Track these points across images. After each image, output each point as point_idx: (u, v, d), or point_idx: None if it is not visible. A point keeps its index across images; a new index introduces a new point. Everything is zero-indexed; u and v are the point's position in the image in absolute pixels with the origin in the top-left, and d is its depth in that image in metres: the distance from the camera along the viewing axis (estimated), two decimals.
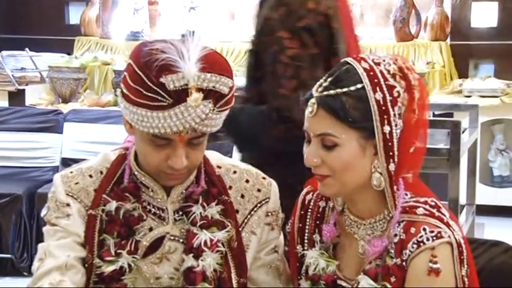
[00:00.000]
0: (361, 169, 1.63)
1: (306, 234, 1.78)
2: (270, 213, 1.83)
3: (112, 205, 1.72)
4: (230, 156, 3.34)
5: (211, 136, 1.73)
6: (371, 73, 1.61)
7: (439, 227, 1.59)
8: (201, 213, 1.73)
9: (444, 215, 1.63)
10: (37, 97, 6.32)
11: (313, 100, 1.63)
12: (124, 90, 1.65)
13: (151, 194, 1.75)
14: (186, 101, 1.58)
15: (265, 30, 2.21)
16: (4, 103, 5.85)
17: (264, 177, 1.85)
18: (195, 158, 1.69)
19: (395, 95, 1.61)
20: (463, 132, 3.70)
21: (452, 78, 6.36)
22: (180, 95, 1.58)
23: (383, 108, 1.60)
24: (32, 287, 1.67)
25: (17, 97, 5.87)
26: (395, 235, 1.63)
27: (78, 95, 6.32)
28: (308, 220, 1.78)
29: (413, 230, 1.60)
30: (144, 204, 1.75)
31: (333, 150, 1.62)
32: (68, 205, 1.74)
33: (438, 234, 1.59)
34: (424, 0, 6.65)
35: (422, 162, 1.75)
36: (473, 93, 5.86)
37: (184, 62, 1.58)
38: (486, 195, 5.49)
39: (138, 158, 1.75)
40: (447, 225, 1.60)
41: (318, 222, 1.77)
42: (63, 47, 6.90)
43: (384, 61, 1.64)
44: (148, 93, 1.59)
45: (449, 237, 1.59)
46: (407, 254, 1.60)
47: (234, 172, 1.84)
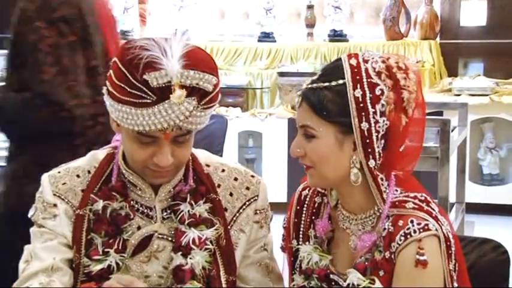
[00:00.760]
0: (339, 163, 1.65)
1: (301, 229, 1.79)
2: (258, 211, 1.83)
3: (99, 204, 1.72)
4: (220, 155, 3.34)
5: None
6: (355, 70, 1.63)
7: (427, 220, 1.61)
8: (189, 211, 1.73)
9: (433, 209, 1.64)
10: None
11: (299, 93, 1.69)
12: (109, 88, 1.66)
13: (139, 192, 1.76)
14: (170, 98, 1.59)
15: (23, 20, 2.36)
16: None
17: (253, 176, 1.86)
18: (181, 155, 1.69)
19: (377, 93, 1.62)
20: (453, 130, 3.70)
21: (442, 77, 6.39)
22: (163, 92, 1.59)
23: (361, 105, 1.61)
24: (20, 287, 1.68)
25: None
26: (384, 229, 1.64)
27: None
28: (304, 215, 1.80)
29: (401, 222, 1.62)
30: (132, 203, 1.75)
31: (311, 142, 1.66)
32: (55, 206, 1.75)
33: (425, 227, 1.60)
34: None
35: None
36: (462, 92, 5.88)
37: (168, 59, 1.59)
38: (476, 194, 5.51)
39: (126, 156, 1.75)
40: (435, 219, 1.62)
41: (313, 218, 1.78)
42: None
43: (373, 58, 1.65)
44: (133, 91, 1.59)
45: (436, 230, 1.60)
46: (395, 247, 1.61)
47: (223, 170, 1.84)
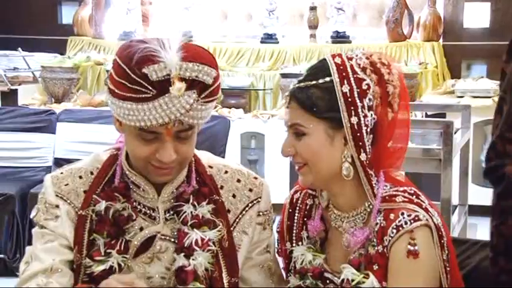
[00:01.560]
0: (331, 158, 1.68)
1: (294, 231, 1.81)
2: (261, 213, 1.84)
3: (101, 205, 1.73)
4: (223, 156, 3.34)
5: None
6: (341, 67, 1.68)
7: (417, 211, 1.64)
8: (192, 212, 1.74)
9: (423, 201, 1.67)
10: (30, 97, 6.30)
11: (287, 93, 1.72)
12: (110, 86, 1.67)
13: (142, 193, 1.76)
14: (170, 91, 1.59)
15: None
16: None
17: (256, 177, 1.86)
18: (184, 152, 1.69)
19: (364, 87, 1.66)
20: (456, 132, 3.70)
21: (445, 79, 6.38)
22: (163, 86, 1.59)
23: (349, 100, 1.65)
24: None
25: (9, 97, 5.86)
26: (376, 224, 1.67)
27: (71, 95, 6.31)
28: (296, 218, 1.82)
29: (392, 216, 1.65)
30: (134, 204, 1.75)
31: (302, 140, 1.69)
32: (57, 206, 1.75)
33: (416, 218, 1.63)
34: (416, 0, 6.67)
35: (415, 163, 1.77)
36: (465, 94, 5.88)
37: (166, 52, 1.60)
38: (479, 196, 5.48)
39: (129, 157, 1.75)
40: (425, 210, 1.65)
41: (305, 219, 1.81)
42: (56, 47, 6.88)
43: (357, 55, 1.71)
44: (133, 86, 1.60)
45: (427, 220, 1.63)
46: (387, 240, 1.64)
47: (226, 172, 1.84)
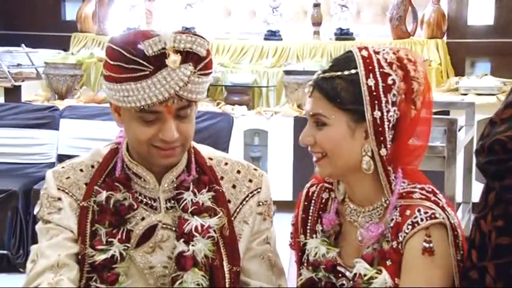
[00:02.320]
0: (351, 151, 1.68)
1: (309, 225, 1.81)
2: (261, 203, 1.85)
3: (102, 195, 1.74)
4: (226, 153, 3.33)
5: None
6: (367, 60, 1.67)
7: (434, 209, 1.63)
8: (192, 199, 1.75)
9: (440, 200, 1.66)
10: (33, 93, 6.31)
11: (310, 82, 1.72)
12: (106, 73, 1.69)
13: (143, 183, 1.77)
14: (166, 66, 1.62)
15: None
16: (0, 99, 5.84)
17: (256, 169, 1.88)
18: (186, 130, 1.70)
19: (389, 82, 1.66)
20: (460, 130, 3.69)
21: (449, 76, 6.37)
22: (159, 61, 1.62)
23: (374, 93, 1.65)
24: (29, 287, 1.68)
25: (13, 93, 5.87)
26: (391, 219, 1.66)
27: (74, 91, 6.32)
28: (311, 211, 1.82)
29: (408, 212, 1.64)
30: (135, 195, 1.77)
31: (322, 130, 1.69)
32: (60, 199, 1.77)
33: (432, 215, 1.62)
34: None
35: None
36: (469, 91, 5.87)
37: (159, 28, 1.64)
38: None
39: (130, 147, 1.78)
40: (442, 208, 1.64)
41: (320, 213, 1.80)
42: (60, 43, 6.89)
43: (384, 50, 1.70)
44: (130, 65, 1.63)
45: (443, 218, 1.62)
46: (402, 236, 1.63)
47: (226, 164, 1.86)
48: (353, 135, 1.67)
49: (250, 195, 1.84)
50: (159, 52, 1.62)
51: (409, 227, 1.62)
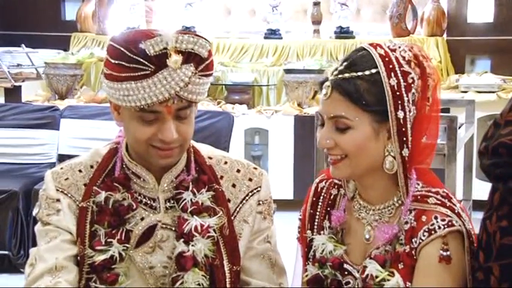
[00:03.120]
0: (374, 152, 1.65)
1: (316, 221, 1.80)
2: (261, 202, 1.85)
3: (101, 196, 1.74)
4: (226, 152, 3.33)
5: None
6: (386, 59, 1.64)
7: (450, 216, 1.61)
8: (191, 199, 1.75)
9: (455, 205, 1.65)
10: (33, 93, 6.31)
11: (328, 83, 1.66)
12: (107, 71, 1.68)
13: (142, 183, 1.77)
14: (168, 66, 1.61)
15: None
16: (0, 99, 5.84)
17: (255, 168, 1.88)
18: (185, 131, 1.70)
19: (409, 81, 1.64)
20: (460, 127, 3.69)
21: (449, 74, 6.37)
22: (161, 61, 1.62)
23: (397, 93, 1.62)
24: None
25: (13, 93, 5.86)
26: (406, 222, 1.65)
27: (74, 91, 6.32)
28: (319, 207, 1.81)
29: (424, 218, 1.62)
30: (135, 195, 1.76)
31: (345, 133, 1.65)
32: (58, 200, 1.77)
33: (449, 223, 1.60)
34: None
35: None
36: (469, 89, 5.87)
37: (161, 27, 1.63)
38: (483, 191, 5.46)
39: (129, 147, 1.77)
40: (458, 215, 1.62)
41: (328, 209, 1.79)
42: (60, 43, 6.89)
43: (400, 48, 1.67)
44: (131, 65, 1.62)
45: (460, 226, 1.61)
46: (417, 242, 1.62)
47: (225, 163, 1.86)
48: (377, 137, 1.64)
49: (250, 194, 1.84)
50: (161, 52, 1.62)
51: (426, 234, 1.60)
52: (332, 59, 6.48)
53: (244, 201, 1.83)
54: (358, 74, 1.63)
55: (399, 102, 1.62)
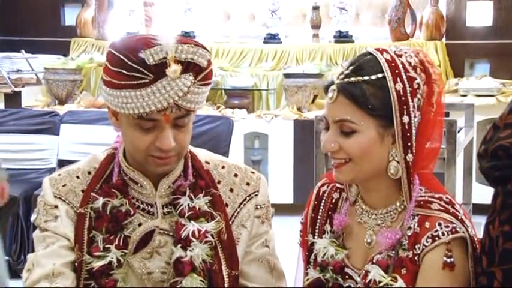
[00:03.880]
0: (379, 156, 1.65)
1: (318, 224, 1.80)
2: (259, 206, 1.85)
3: (99, 202, 1.74)
4: (226, 156, 3.33)
5: None
6: (392, 64, 1.64)
7: (454, 223, 1.61)
8: (189, 204, 1.75)
9: (458, 211, 1.64)
10: (33, 99, 6.32)
11: (333, 87, 1.66)
12: (106, 78, 1.68)
13: (140, 189, 1.77)
14: (167, 75, 1.61)
15: None
16: (0, 105, 5.84)
17: (253, 172, 1.88)
18: (182, 139, 1.70)
19: (415, 86, 1.64)
20: (459, 131, 3.70)
21: (448, 78, 6.38)
22: (160, 70, 1.61)
23: (403, 98, 1.62)
24: None
25: (13, 99, 5.86)
26: (409, 228, 1.65)
27: (74, 96, 6.32)
28: (321, 210, 1.81)
29: (427, 224, 1.62)
30: (132, 200, 1.76)
31: (350, 137, 1.65)
32: (56, 207, 1.77)
33: (453, 230, 1.60)
34: None
35: None
36: (469, 93, 5.87)
37: (161, 36, 1.63)
38: (483, 195, 5.44)
39: (126, 152, 1.77)
40: (461, 221, 1.62)
41: (330, 213, 1.79)
42: (59, 48, 6.89)
43: (406, 53, 1.67)
44: (130, 73, 1.62)
45: (463, 232, 1.61)
46: (420, 248, 1.62)
47: (223, 167, 1.86)
48: (382, 141, 1.64)
49: (248, 199, 1.84)
50: (160, 61, 1.61)
51: (429, 240, 1.60)
52: (331, 63, 6.49)
53: (242, 206, 1.83)
54: (365, 78, 1.63)
55: (405, 107, 1.62)
